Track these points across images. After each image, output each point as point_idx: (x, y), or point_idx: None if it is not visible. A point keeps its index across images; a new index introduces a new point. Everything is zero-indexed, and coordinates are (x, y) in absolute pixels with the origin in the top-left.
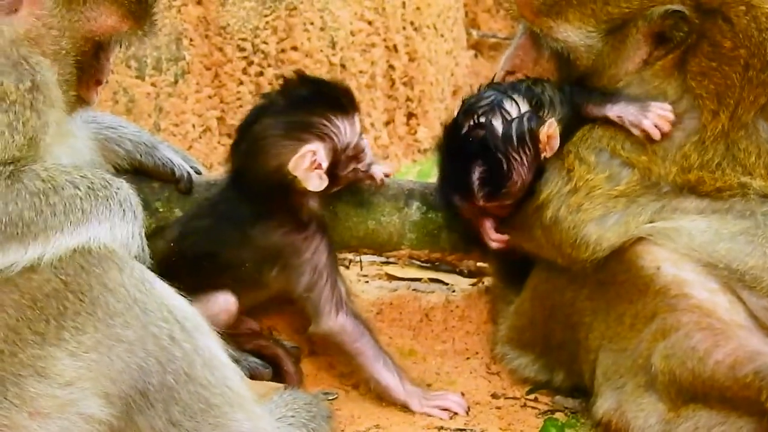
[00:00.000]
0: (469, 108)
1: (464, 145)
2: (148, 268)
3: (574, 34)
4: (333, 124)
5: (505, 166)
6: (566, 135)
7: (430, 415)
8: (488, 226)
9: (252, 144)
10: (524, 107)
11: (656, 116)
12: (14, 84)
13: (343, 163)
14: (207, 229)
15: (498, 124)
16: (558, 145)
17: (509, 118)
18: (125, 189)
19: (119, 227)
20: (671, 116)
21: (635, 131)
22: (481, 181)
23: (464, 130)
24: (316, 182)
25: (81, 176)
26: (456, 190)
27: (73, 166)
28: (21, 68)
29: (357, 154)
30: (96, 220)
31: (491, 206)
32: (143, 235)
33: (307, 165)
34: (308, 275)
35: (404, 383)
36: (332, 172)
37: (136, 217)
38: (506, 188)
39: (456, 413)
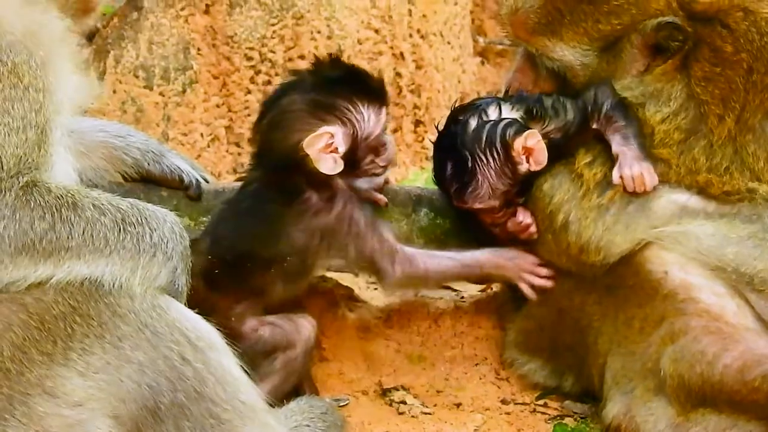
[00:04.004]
0: (457, 108)
1: (442, 139)
2: (183, 302)
3: (570, 53)
4: (357, 110)
5: (469, 164)
6: (578, 141)
7: (442, 421)
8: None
9: (275, 117)
10: (510, 114)
11: (640, 173)
12: (26, 61)
13: (362, 152)
14: (240, 232)
15: (472, 123)
16: (544, 159)
17: (485, 120)
18: (166, 227)
19: (145, 269)
20: (651, 184)
21: (616, 175)
22: (451, 177)
23: (445, 125)
24: (329, 165)
25: (112, 204)
26: (439, 186)
27: (108, 194)
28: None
29: (378, 147)
30: (118, 257)
31: (472, 210)
32: (181, 272)
33: (322, 146)
34: (353, 248)
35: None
36: (351, 159)
37: (170, 258)
38: (471, 188)
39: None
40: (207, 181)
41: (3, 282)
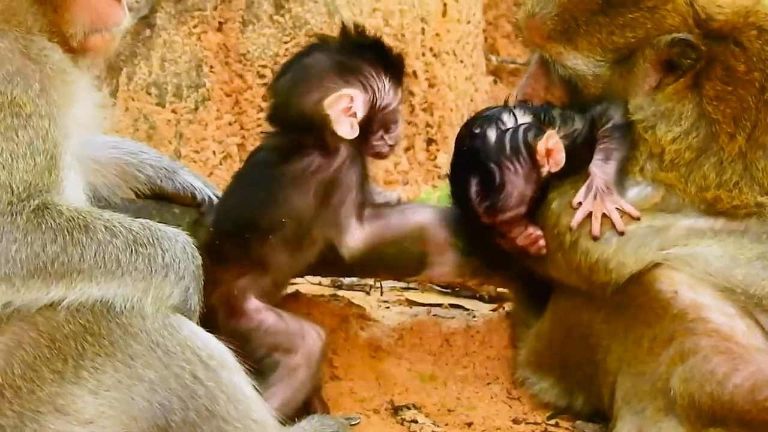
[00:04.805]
0: (470, 121)
1: (461, 156)
2: (195, 320)
3: (583, 62)
4: (380, 79)
5: (497, 176)
6: (584, 154)
7: None
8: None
9: (298, 73)
10: (524, 119)
11: (603, 208)
12: (25, 90)
13: (376, 123)
14: (240, 201)
15: (492, 134)
16: (563, 159)
17: (504, 128)
18: (178, 247)
19: (157, 289)
20: (620, 223)
21: (576, 200)
22: (478, 193)
23: (462, 142)
24: (346, 128)
25: (123, 226)
26: (461, 206)
27: (120, 214)
28: (24, 64)
29: (388, 123)
30: (130, 278)
31: (498, 223)
32: (193, 292)
33: (343, 107)
34: (339, 199)
35: None
36: (364, 129)
37: (182, 277)
38: (502, 199)
39: None
40: None
41: (15, 305)
